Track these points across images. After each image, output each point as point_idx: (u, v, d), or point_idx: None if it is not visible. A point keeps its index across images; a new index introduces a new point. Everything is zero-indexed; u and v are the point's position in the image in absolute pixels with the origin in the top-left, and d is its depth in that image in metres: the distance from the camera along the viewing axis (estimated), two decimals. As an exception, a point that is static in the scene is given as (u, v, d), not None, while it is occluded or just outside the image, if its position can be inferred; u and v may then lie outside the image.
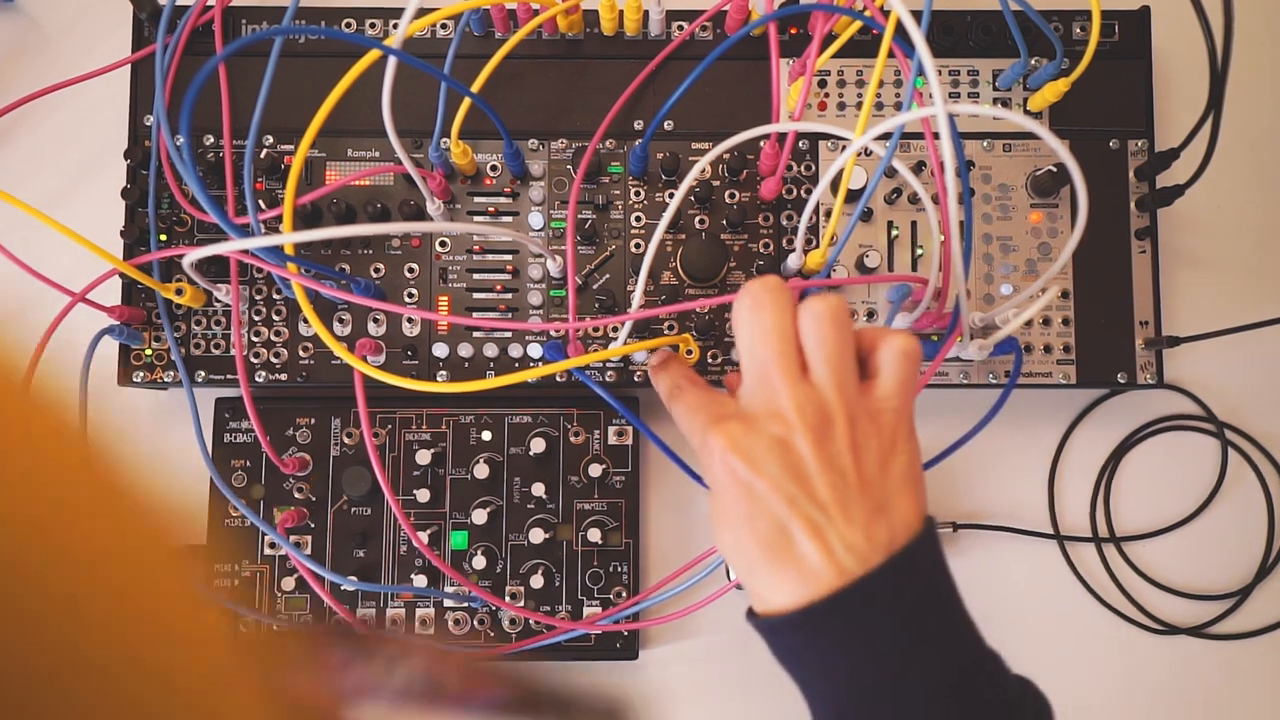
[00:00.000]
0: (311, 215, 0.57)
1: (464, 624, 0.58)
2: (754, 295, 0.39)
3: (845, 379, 0.38)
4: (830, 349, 0.38)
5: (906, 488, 0.37)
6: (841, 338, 0.38)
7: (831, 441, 0.37)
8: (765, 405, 0.38)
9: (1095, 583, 0.62)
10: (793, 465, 0.36)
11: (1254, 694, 0.61)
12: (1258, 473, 0.63)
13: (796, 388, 0.37)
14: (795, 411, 0.37)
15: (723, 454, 0.37)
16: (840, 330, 0.38)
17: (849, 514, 0.36)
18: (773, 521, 0.36)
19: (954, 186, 0.40)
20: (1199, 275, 0.64)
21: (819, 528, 0.36)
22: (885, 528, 0.36)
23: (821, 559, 0.35)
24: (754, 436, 0.37)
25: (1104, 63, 0.58)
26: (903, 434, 0.38)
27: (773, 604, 0.37)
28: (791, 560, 0.36)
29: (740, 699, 0.60)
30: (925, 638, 0.36)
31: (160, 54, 0.56)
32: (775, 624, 0.37)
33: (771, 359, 0.38)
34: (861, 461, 0.37)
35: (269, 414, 0.59)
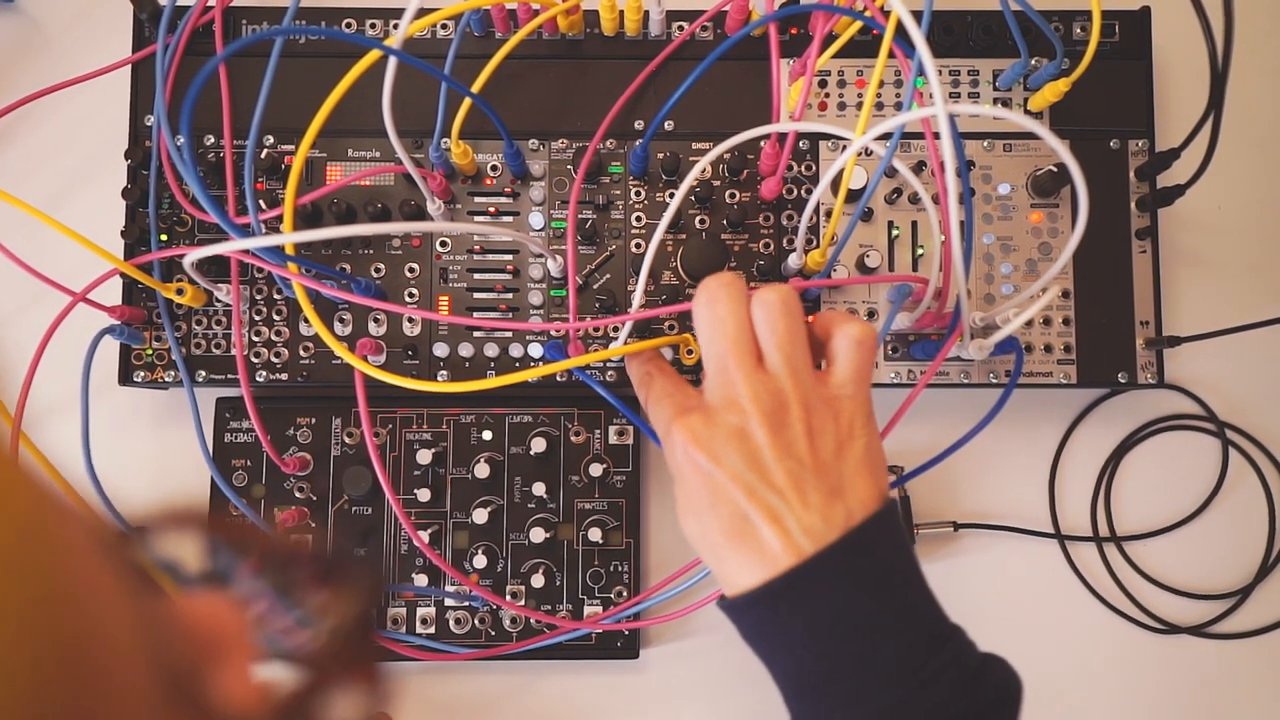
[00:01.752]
0: (312, 215, 0.58)
1: (465, 623, 0.58)
2: (709, 290, 0.40)
3: (798, 365, 0.39)
4: (781, 336, 0.39)
5: (863, 471, 0.38)
6: (791, 325, 0.39)
7: (787, 428, 0.38)
8: (723, 396, 0.39)
9: (1096, 582, 0.62)
10: (750, 454, 0.38)
11: (1254, 694, 0.61)
12: (1258, 472, 0.63)
13: (752, 376, 0.38)
14: (751, 400, 0.38)
15: (684, 445, 0.39)
16: (789, 318, 0.39)
17: (805, 498, 0.37)
18: (733, 509, 0.38)
19: (954, 186, 0.40)
20: (1200, 275, 0.64)
21: (777, 513, 0.37)
22: (842, 510, 0.37)
23: (780, 542, 0.37)
24: (713, 428, 0.38)
25: (1104, 63, 0.58)
26: (860, 420, 0.39)
27: (738, 586, 0.38)
28: (753, 545, 0.37)
29: (740, 698, 0.60)
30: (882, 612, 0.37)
31: (161, 54, 0.56)
32: (738, 603, 0.38)
33: (727, 349, 0.39)
34: (817, 446, 0.38)
35: (270, 414, 0.59)
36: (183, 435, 0.62)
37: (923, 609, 0.38)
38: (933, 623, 0.38)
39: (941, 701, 0.35)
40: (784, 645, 0.38)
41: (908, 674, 0.36)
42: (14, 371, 0.59)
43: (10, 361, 0.62)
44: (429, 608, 0.58)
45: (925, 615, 0.38)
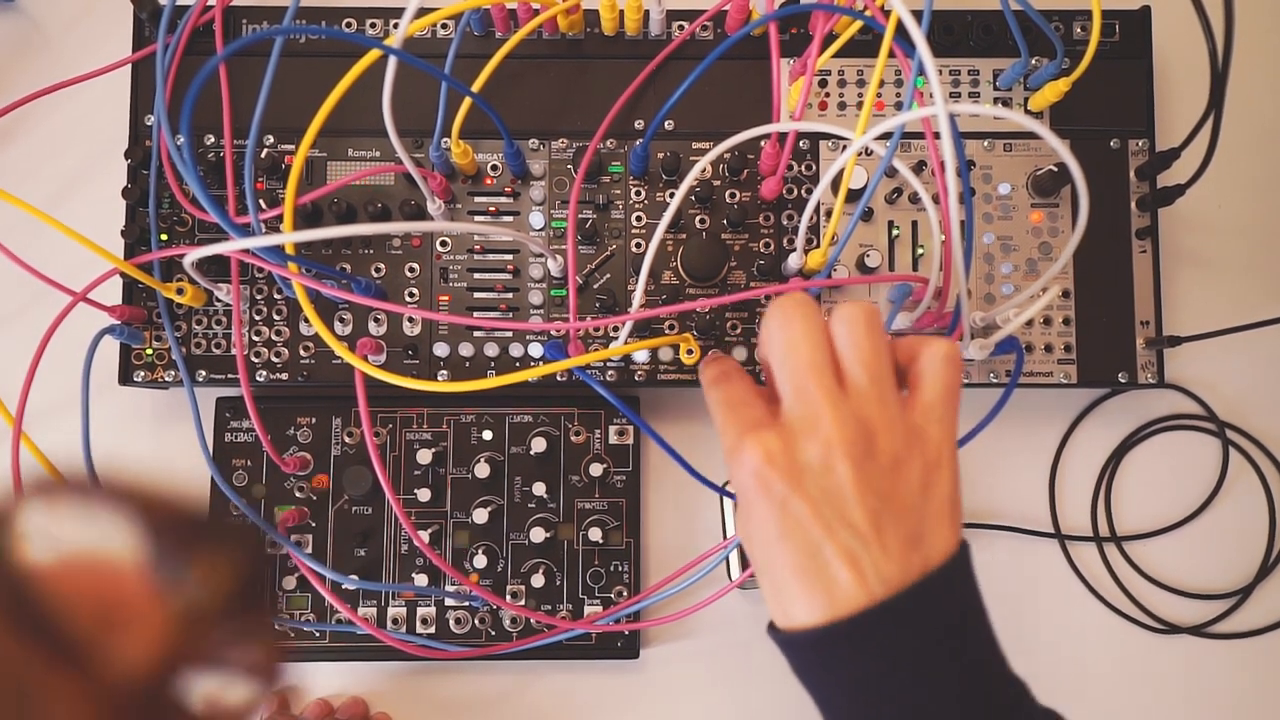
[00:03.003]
0: (312, 215, 0.58)
1: (465, 623, 0.58)
2: (782, 308, 0.37)
3: (885, 389, 0.36)
4: (866, 353, 0.36)
5: (945, 515, 0.36)
6: (877, 343, 0.36)
7: (872, 461, 0.35)
8: (804, 418, 0.35)
9: (1096, 582, 0.62)
10: (830, 488, 0.35)
11: (1255, 693, 0.61)
12: (1259, 472, 0.63)
13: (836, 402, 0.35)
14: (835, 428, 0.35)
15: (758, 467, 0.35)
16: (875, 335, 0.36)
17: (884, 542, 0.34)
18: (806, 544, 0.35)
19: (955, 186, 0.40)
20: (1200, 275, 0.64)
21: (854, 555, 0.34)
22: (919, 558, 0.35)
23: (854, 586, 0.34)
24: (792, 453, 0.35)
25: (1105, 62, 0.58)
26: (946, 453, 0.36)
27: (796, 620, 0.36)
28: (822, 584, 0.35)
29: (740, 699, 0.60)
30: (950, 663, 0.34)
31: (161, 54, 0.56)
32: (797, 640, 0.36)
33: (806, 370, 0.36)
34: (901, 483, 0.35)
35: (270, 413, 0.59)
36: (183, 435, 0.62)
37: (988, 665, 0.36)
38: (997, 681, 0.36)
39: None
40: (839, 688, 0.36)
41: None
42: (14, 371, 0.59)
43: (10, 361, 0.62)
44: (429, 607, 0.58)
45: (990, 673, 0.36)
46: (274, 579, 0.58)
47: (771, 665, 0.60)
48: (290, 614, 0.58)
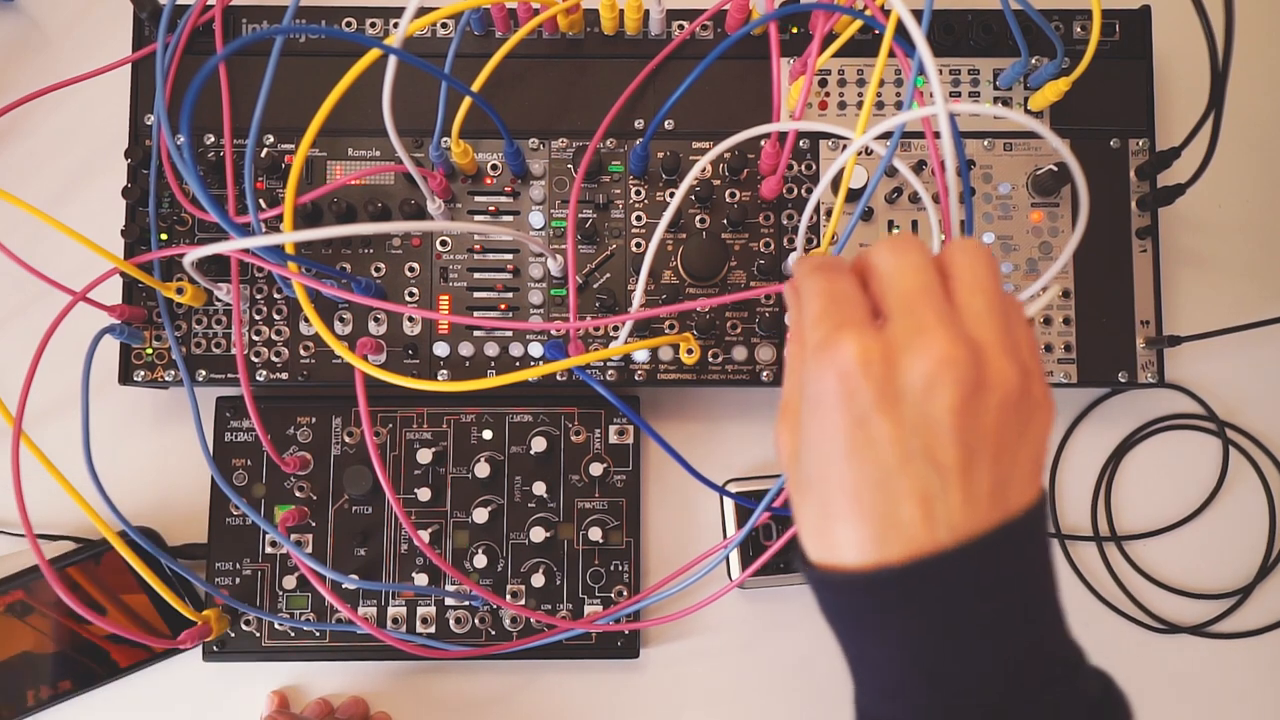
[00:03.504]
0: (312, 214, 0.58)
1: (465, 622, 0.58)
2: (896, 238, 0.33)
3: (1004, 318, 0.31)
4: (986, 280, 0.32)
5: (1034, 463, 0.32)
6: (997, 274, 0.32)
7: (982, 394, 0.30)
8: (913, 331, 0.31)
9: (1096, 581, 0.62)
10: (927, 414, 0.30)
11: (1254, 693, 0.61)
12: (1259, 472, 0.63)
13: (954, 327, 0.30)
14: (949, 344, 0.30)
15: (849, 368, 0.30)
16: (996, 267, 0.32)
17: (970, 489, 0.30)
18: (876, 470, 0.30)
19: (955, 186, 0.40)
20: (1200, 275, 0.64)
21: (929, 496, 0.30)
22: (1000, 510, 0.31)
23: (918, 527, 0.30)
24: (893, 367, 0.30)
25: (1105, 62, 0.58)
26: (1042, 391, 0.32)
27: (840, 556, 0.31)
28: (883, 519, 0.30)
29: (740, 698, 0.60)
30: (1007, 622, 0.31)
31: (161, 53, 0.56)
32: (837, 580, 0.32)
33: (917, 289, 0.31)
34: (1005, 425, 0.31)
35: (270, 413, 0.59)
36: (183, 435, 0.62)
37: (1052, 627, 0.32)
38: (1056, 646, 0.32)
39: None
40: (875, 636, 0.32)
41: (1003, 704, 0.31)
42: (14, 371, 0.59)
43: (10, 361, 0.62)
44: (429, 607, 0.58)
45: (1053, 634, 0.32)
46: (274, 579, 0.58)
47: (771, 665, 0.60)
48: (290, 614, 0.58)
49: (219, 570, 0.58)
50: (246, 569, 0.58)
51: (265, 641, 0.58)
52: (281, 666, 0.60)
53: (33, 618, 0.57)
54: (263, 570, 0.58)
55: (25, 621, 0.57)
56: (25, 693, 0.57)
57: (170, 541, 0.60)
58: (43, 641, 0.57)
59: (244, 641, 0.58)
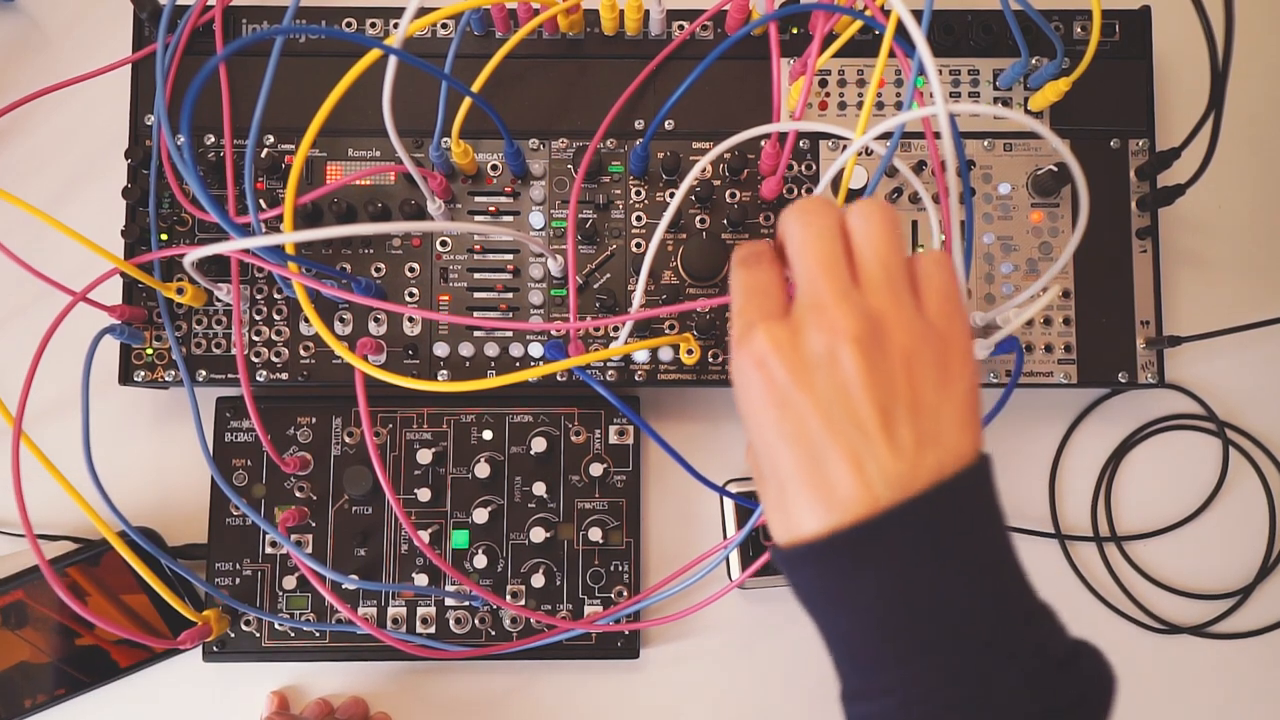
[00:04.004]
0: (312, 214, 0.58)
1: (465, 623, 0.58)
2: (801, 206, 0.35)
3: (899, 284, 0.34)
4: (882, 249, 0.34)
5: (964, 416, 0.33)
6: (893, 239, 0.34)
7: (882, 351, 0.32)
8: (812, 309, 0.33)
9: (1096, 582, 0.62)
10: (837, 379, 0.32)
11: (1254, 694, 0.61)
12: (1259, 472, 0.63)
13: (847, 293, 0.33)
14: (843, 318, 0.32)
15: (762, 355, 0.33)
16: (892, 231, 0.34)
17: (894, 441, 0.32)
18: (807, 440, 0.32)
19: (955, 186, 0.40)
20: (1200, 275, 0.64)
21: (857, 453, 0.32)
22: (934, 459, 0.32)
23: (854, 488, 0.31)
24: (799, 343, 0.33)
25: (1105, 62, 0.58)
26: (960, 348, 0.34)
27: (799, 531, 0.33)
28: (822, 484, 0.32)
29: (740, 698, 0.60)
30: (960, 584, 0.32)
31: (161, 54, 0.56)
32: (795, 554, 0.33)
33: (818, 263, 0.34)
34: (915, 376, 0.32)
35: (270, 413, 0.59)
36: (183, 435, 0.62)
37: (1010, 584, 0.33)
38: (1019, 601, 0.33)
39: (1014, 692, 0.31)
40: (843, 607, 0.33)
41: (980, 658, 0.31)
42: (14, 371, 0.59)
43: (10, 361, 0.62)
44: (429, 607, 0.58)
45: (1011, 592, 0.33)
46: (274, 579, 0.58)
47: (771, 665, 0.60)
48: (290, 614, 0.58)
49: (219, 570, 0.58)
50: (246, 569, 0.58)
51: (265, 642, 0.58)
52: (281, 666, 0.60)
53: (32, 617, 0.57)
54: (263, 570, 0.58)
55: (26, 620, 0.57)
56: (23, 701, 0.57)
57: (170, 541, 0.60)
58: (43, 641, 0.57)
59: (244, 642, 0.58)
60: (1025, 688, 0.31)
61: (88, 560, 0.57)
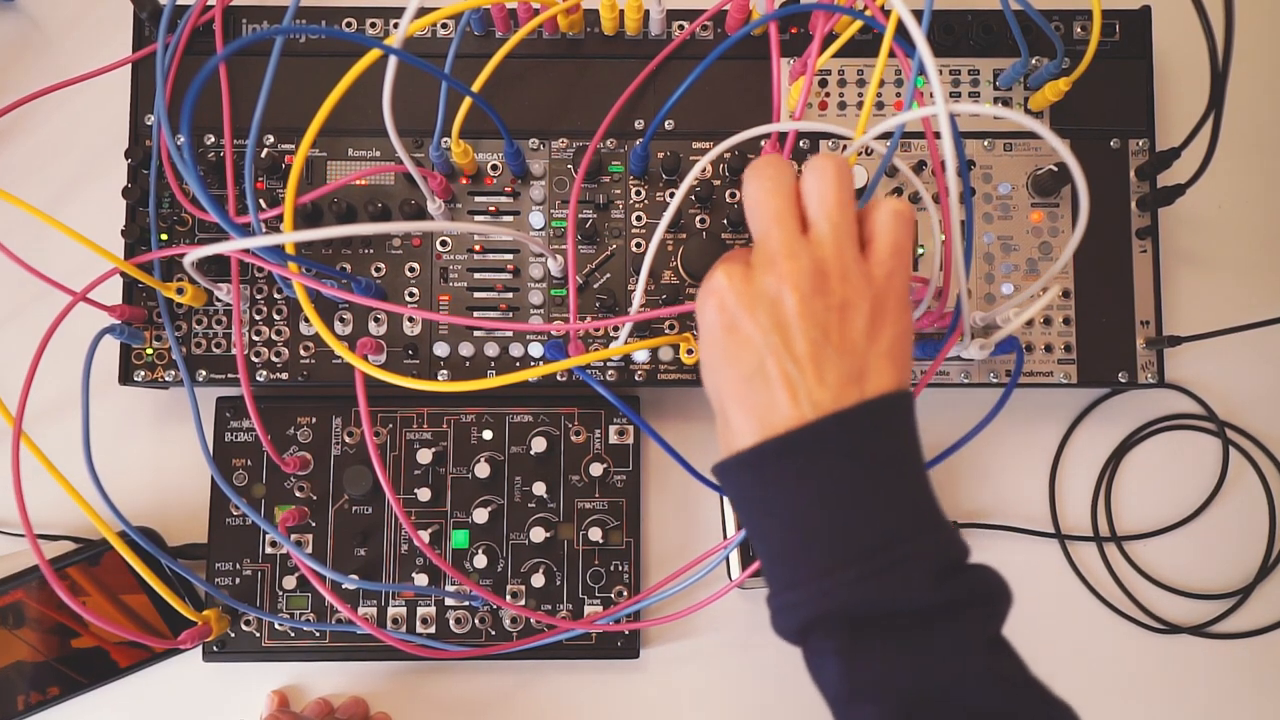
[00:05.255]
0: (312, 214, 0.58)
1: (465, 623, 0.58)
2: (756, 165, 0.40)
3: (843, 237, 0.38)
4: (830, 204, 0.38)
5: (890, 357, 0.37)
6: (842, 196, 0.38)
7: (820, 298, 0.37)
8: (764, 256, 0.38)
9: (1096, 582, 0.62)
10: (778, 317, 0.37)
11: (1254, 693, 0.61)
12: (1259, 472, 0.63)
13: (794, 240, 0.37)
14: (788, 262, 0.37)
15: (718, 291, 0.38)
16: (842, 187, 0.38)
17: (822, 374, 0.36)
18: (751, 365, 0.37)
19: (955, 186, 0.40)
20: (1200, 275, 0.64)
21: (791, 380, 0.36)
22: (856, 393, 0.36)
23: (788, 406, 0.36)
24: (749, 283, 0.38)
25: (1105, 62, 0.58)
26: (894, 301, 0.38)
27: (736, 445, 0.38)
28: (761, 402, 0.37)
29: (740, 698, 0.60)
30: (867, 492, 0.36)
31: (161, 53, 0.56)
32: (730, 463, 0.38)
33: (771, 214, 0.38)
34: (847, 324, 0.37)
35: (270, 413, 0.59)
36: (183, 435, 0.62)
37: (913, 499, 0.37)
38: (920, 515, 0.37)
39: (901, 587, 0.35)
40: (765, 509, 0.38)
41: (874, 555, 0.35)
42: (14, 371, 0.59)
43: (10, 361, 0.62)
44: (429, 607, 0.58)
45: (914, 506, 0.37)
46: (274, 579, 0.58)
47: (771, 666, 0.60)
48: (290, 614, 0.58)
49: (219, 570, 0.58)
50: (246, 569, 0.58)
51: (265, 642, 0.58)
52: (281, 666, 0.60)
53: (32, 617, 0.57)
54: (263, 570, 0.58)
55: (26, 620, 0.57)
56: (19, 701, 0.57)
57: (170, 541, 0.60)
58: (42, 641, 0.57)
59: (244, 641, 0.58)
60: (931, 577, 0.35)
61: (88, 560, 0.57)
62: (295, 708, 0.60)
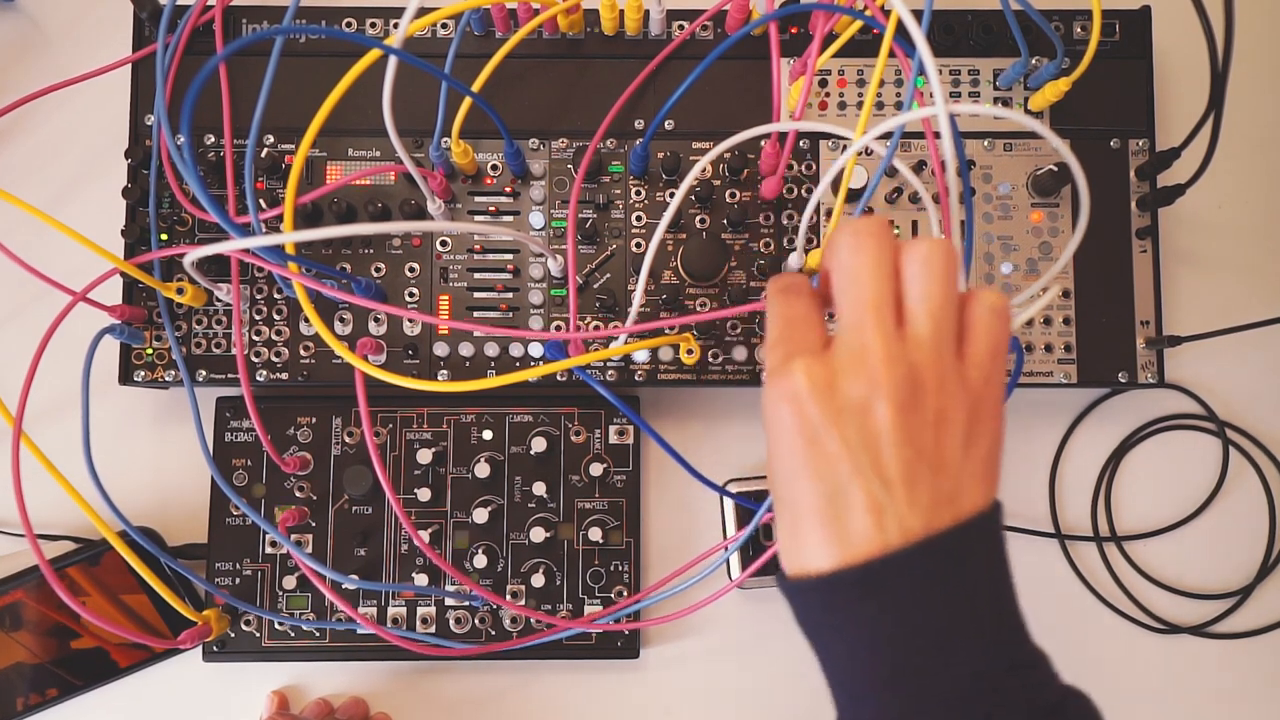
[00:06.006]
0: (312, 214, 0.58)
1: (465, 623, 0.58)
2: (856, 230, 0.35)
3: (944, 340, 0.34)
4: (935, 302, 0.34)
5: (984, 474, 0.34)
6: (948, 292, 0.34)
7: (917, 412, 0.33)
8: (854, 355, 0.33)
9: (1096, 582, 0.62)
10: (869, 431, 0.33)
11: (1255, 693, 0.61)
12: (1259, 472, 0.63)
13: (891, 343, 0.33)
14: (884, 370, 0.33)
15: (798, 391, 0.34)
16: (949, 283, 0.34)
17: (914, 497, 0.33)
18: (833, 483, 0.33)
19: (955, 186, 0.40)
20: (1200, 275, 0.64)
21: (879, 505, 0.33)
22: (950, 515, 0.33)
23: (869, 531, 0.32)
24: (835, 386, 0.33)
25: (1105, 62, 0.58)
26: (991, 410, 0.35)
27: (808, 565, 0.34)
28: (840, 527, 0.33)
29: (740, 698, 0.60)
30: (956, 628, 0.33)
31: (161, 53, 0.56)
32: (803, 586, 0.34)
33: (867, 304, 0.34)
34: (943, 438, 0.33)
35: (270, 413, 0.59)
36: (183, 435, 0.62)
37: (1004, 631, 0.34)
38: (1012, 649, 0.34)
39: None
40: (841, 639, 0.34)
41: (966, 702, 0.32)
42: (14, 371, 0.59)
43: (10, 361, 0.62)
44: (429, 607, 0.58)
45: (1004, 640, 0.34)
46: (274, 579, 0.58)
47: (771, 666, 0.60)
48: (290, 614, 0.58)
49: (219, 570, 0.58)
50: (246, 569, 0.58)
51: (265, 641, 0.58)
52: (281, 666, 0.60)
53: (32, 617, 0.57)
54: (263, 570, 0.58)
55: (26, 621, 0.57)
56: (18, 702, 0.57)
57: (170, 541, 0.60)
58: (42, 641, 0.57)
59: (244, 641, 0.58)
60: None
61: (88, 560, 0.57)
62: (295, 708, 0.60)
